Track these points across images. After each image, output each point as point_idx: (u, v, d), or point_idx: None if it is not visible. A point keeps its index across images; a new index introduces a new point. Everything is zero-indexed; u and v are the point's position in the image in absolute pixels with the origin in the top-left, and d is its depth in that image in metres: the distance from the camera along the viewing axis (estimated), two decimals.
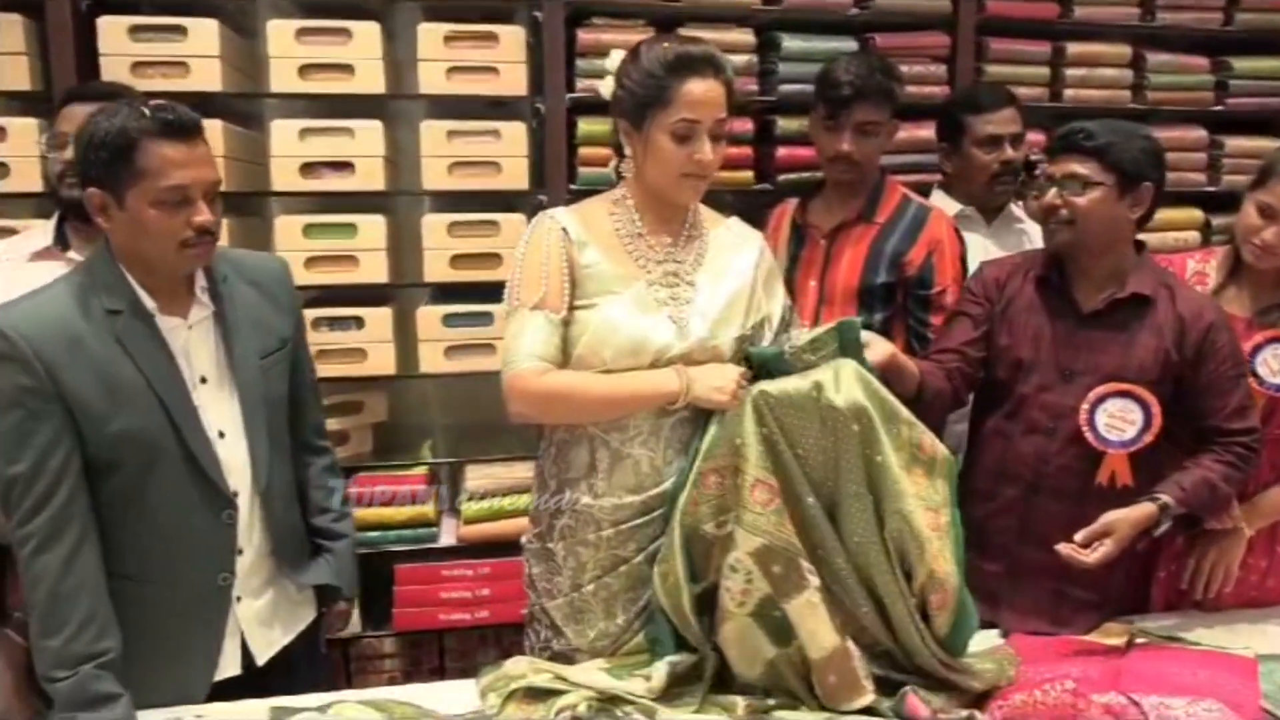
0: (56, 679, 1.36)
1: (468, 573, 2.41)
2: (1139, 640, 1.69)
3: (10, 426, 1.36)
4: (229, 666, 1.53)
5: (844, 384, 1.44)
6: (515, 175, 2.36)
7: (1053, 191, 1.67)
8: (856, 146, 2.00)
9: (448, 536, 2.44)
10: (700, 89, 1.47)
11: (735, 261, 1.59)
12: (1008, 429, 1.74)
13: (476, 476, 2.45)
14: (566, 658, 1.56)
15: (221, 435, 1.49)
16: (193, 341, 1.48)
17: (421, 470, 2.46)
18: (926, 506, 1.45)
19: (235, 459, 1.50)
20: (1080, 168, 1.65)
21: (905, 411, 1.47)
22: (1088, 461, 1.66)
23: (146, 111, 1.36)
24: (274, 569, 1.58)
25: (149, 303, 1.43)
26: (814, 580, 1.43)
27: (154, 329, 1.43)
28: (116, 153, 1.34)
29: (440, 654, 2.52)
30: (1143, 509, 1.61)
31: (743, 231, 1.65)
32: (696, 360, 1.51)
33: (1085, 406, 1.64)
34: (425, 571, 2.39)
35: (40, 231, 1.86)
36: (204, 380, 1.49)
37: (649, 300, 1.52)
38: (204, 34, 2.20)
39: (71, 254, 1.81)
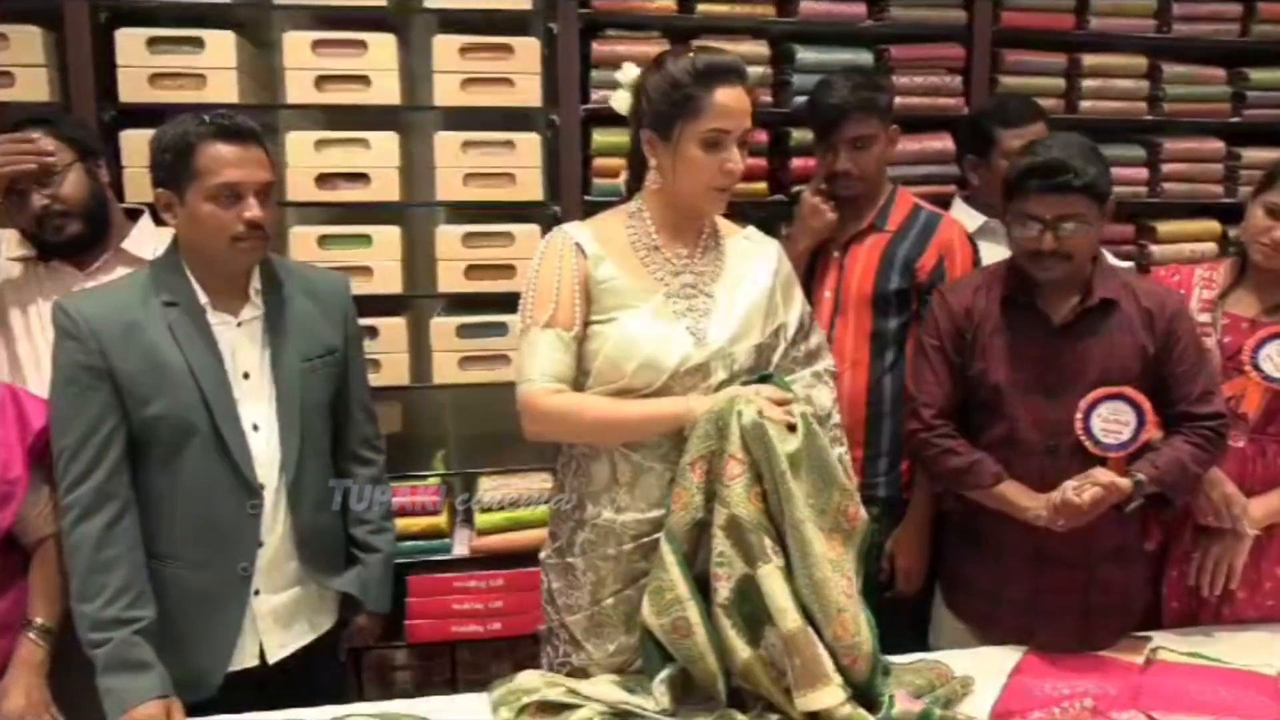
0: (95, 643, 1.46)
1: (480, 584, 2.39)
2: (1159, 657, 1.67)
3: (66, 400, 1.49)
4: (246, 658, 1.59)
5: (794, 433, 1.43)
6: (530, 187, 2.36)
7: (1049, 237, 1.61)
8: (854, 163, 2.02)
9: (461, 548, 2.43)
10: (729, 97, 1.48)
11: (753, 270, 1.59)
12: (1007, 456, 1.70)
13: (490, 487, 2.44)
14: (585, 673, 1.55)
15: (255, 429, 1.57)
16: (240, 338, 1.57)
17: (435, 481, 2.45)
18: (842, 574, 1.43)
19: (265, 453, 1.57)
20: (1073, 208, 1.61)
21: (843, 478, 1.46)
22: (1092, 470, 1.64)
23: (206, 119, 1.50)
24: (298, 569, 1.63)
25: (202, 298, 1.54)
26: (776, 560, 1.40)
27: (204, 323, 1.54)
28: (179, 154, 1.48)
29: (452, 666, 2.51)
30: (1123, 479, 1.61)
31: (760, 240, 1.66)
32: (713, 370, 1.51)
33: (1079, 415, 1.62)
34: (437, 583, 2.38)
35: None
36: (246, 376, 1.57)
37: (667, 312, 1.52)
38: (221, 46, 2.21)
39: (54, 262, 1.84)
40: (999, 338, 1.71)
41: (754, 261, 1.60)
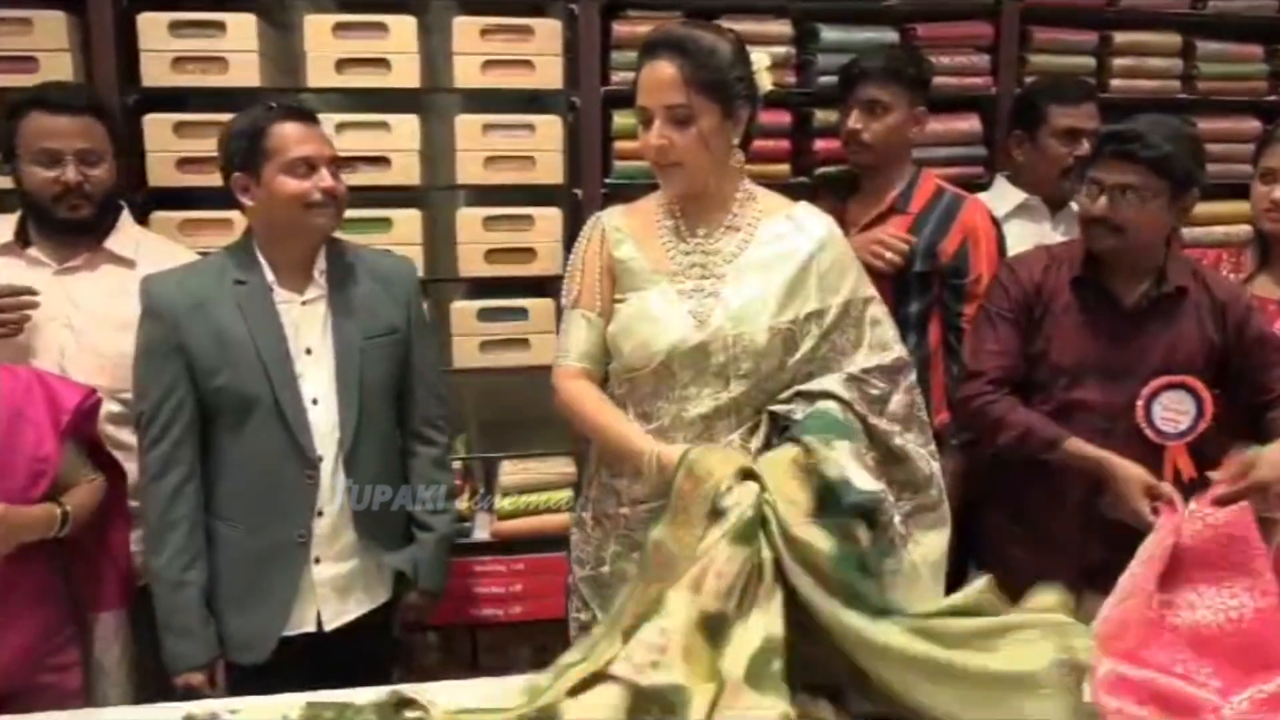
0: (157, 597, 1.61)
1: (501, 569, 2.40)
2: None
3: (144, 369, 1.62)
4: (304, 624, 1.67)
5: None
6: (550, 169, 2.35)
7: (1103, 201, 1.60)
8: (864, 124, 2.01)
9: (482, 532, 2.43)
10: (645, 74, 1.46)
11: (782, 251, 1.53)
12: None
13: (511, 472, 2.44)
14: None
15: (315, 402, 1.65)
16: (304, 316, 1.66)
17: (456, 465, 2.45)
18: None
19: (324, 425, 1.65)
20: (1135, 178, 1.58)
21: None
22: (1146, 456, 1.62)
23: (272, 105, 1.64)
24: (356, 541, 1.70)
25: (270, 276, 1.64)
26: None
27: (269, 300, 1.64)
28: (253, 139, 1.59)
29: (474, 650, 2.52)
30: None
31: (805, 221, 1.57)
32: (713, 352, 1.47)
33: (1141, 402, 1.61)
34: (459, 567, 2.37)
35: (2, 228, 1.85)
36: (308, 351, 1.66)
37: (671, 294, 1.51)
38: (242, 30, 2.21)
39: (31, 251, 1.83)
40: (1068, 317, 1.69)
41: (787, 243, 1.53)
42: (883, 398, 1.51)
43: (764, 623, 1.18)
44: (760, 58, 1.53)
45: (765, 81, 1.53)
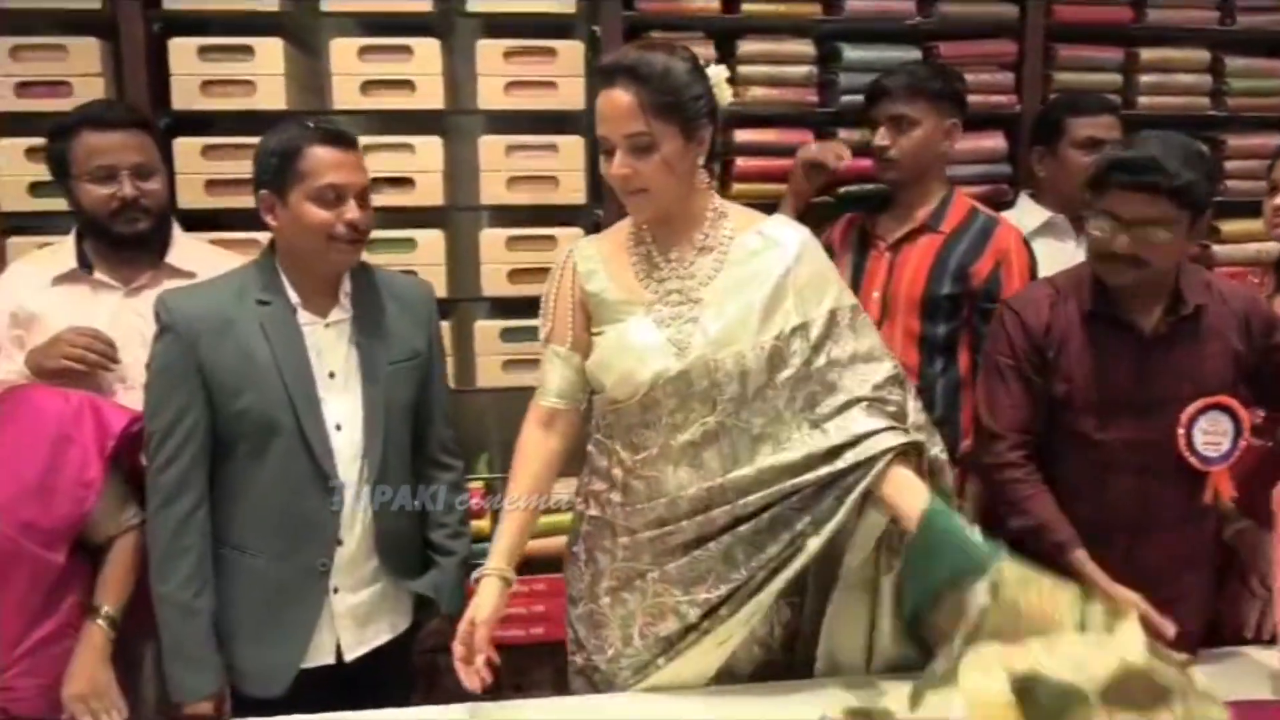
0: (164, 622, 1.56)
1: (522, 589, 2.38)
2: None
3: (159, 388, 1.56)
4: (322, 655, 1.63)
5: None
6: (573, 189, 2.36)
7: (1124, 239, 1.50)
8: (891, 140, 2.01)
9: None
10: (602, 102, 1.42)
11: (757, 269, 1.48)
12: (1099, 480, 1.61)
13: None
14: (587, 676, 1.55)
15: (339, 428, 1.60)
16: (327, 339, 1.62)
17: (477, 484, 2.45)
18: None
19: (348, 451, 1.61)
20: (1156, 211, 1.48)
21: None
22: (1190, 486, 1.57)
23: (310, 125, 1.59)
24: (376, 569, 1.66)
25: (294, 298, 1.60)
26: None
27: (293, 322, 1.59)
28: (284, 158, 1.54)
29: (494, 670, 2.50)
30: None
31: (776, 234, 1.51)
32: (695, 380, 1.45)
33: (1181, 430, 1.54)
34: None
35: (62, 253, 1.87)
36: (332, 375, 1.61)
37: (648, 323, 1.47)
38: (270, 53, 2.25)
39: (96, 275, 1.84)
40: (1085, 354, 1.60)
41: (761, 260, 1.48)
42: (902, 411, 1.47)
43: None
44: (718, 70, 1.48)
45: (725, 95, 1.49)
